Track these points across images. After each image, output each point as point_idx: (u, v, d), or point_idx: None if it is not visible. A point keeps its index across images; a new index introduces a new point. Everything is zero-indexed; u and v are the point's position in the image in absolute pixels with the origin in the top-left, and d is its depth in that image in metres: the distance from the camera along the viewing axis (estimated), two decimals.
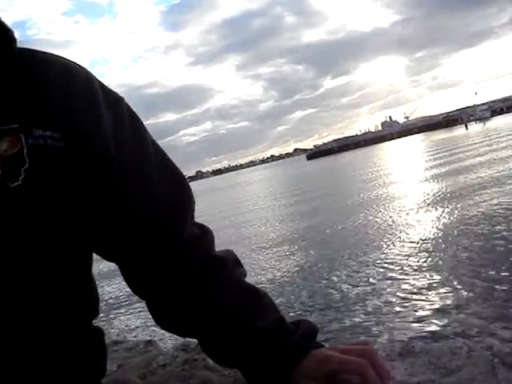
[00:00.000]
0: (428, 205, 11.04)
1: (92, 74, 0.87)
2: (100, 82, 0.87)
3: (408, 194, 13.46)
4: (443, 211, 9.97)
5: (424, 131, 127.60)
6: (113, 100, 0.87)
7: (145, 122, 0.90)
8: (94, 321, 0.90)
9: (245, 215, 17.02)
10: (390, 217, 10.51)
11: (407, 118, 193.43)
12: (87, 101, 0.81)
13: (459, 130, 62.33)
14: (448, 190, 12.18)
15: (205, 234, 0.94)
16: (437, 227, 8.81)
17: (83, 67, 0.86)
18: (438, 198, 11.53)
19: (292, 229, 11.61)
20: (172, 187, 0.91)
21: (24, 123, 0.73)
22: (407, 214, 10.54)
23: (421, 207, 10.92)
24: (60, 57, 0.84)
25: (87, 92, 0.82)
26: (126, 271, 0.91)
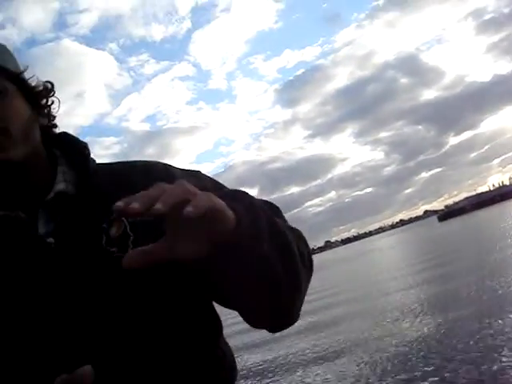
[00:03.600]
0: None
1: (170, 164, 1.07)
2: (178, 167, 1.08)
3: None
4: None
5: None
6: (192, 172, 1.07)
7: (270, 197, 1.03)
8: None
9: (371, 289, 15.39)
10: None
11: None
12: (166, 180, 0.95)
13: None
14: None
15: None
16: None
17: (162, 162, 1.07)
18: None
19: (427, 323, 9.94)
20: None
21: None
22: None
23: None
24: (141, 160, 1.07)
25: (166, 174, 1.01)
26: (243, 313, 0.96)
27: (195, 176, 1.06)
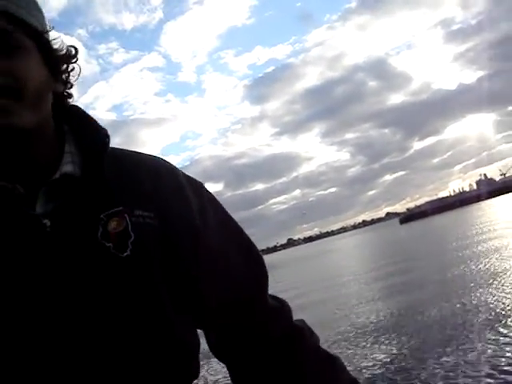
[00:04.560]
0: None
1: (175, 166, 1.06)
2: (182, 171, 1.06)
3: None
4: None
5: None
6: (195, 185, 1.05)
7: (235, 193, 1.12)
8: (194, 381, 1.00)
9: (331, 291, 15.55)
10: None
11: (504, 174, 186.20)
12: (174, 188, 0.99)
13: None
14: None
15: (283, 305, 1.09)
16: None
17: (167, 161, 1.06)
18: None
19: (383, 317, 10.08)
20: (249, 262, 1.07)
21: (126, 205, 0.91)
22: None
23: None
24: (147, 154, 1.05)
25: (173, 181, 1.01)
26: (208, 335, 1.05)
27: (196, 189, 1.04)
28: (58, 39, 0.95)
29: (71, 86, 0.99)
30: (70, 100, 1.00)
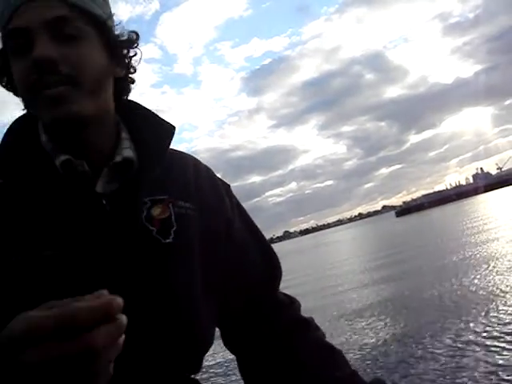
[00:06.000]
0: None
1: (209, 167, 1.13)
2: (213, 171, 1.14)
3: None
4: None
5: None
6: (226, 186, 1.13)
7: (232, 185, 1.16)
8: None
9: (328, 290, 15.59)
10: None
11: (500, 168, 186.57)
12: (211, 186, 1.08)
13: None
14: None
15: (292, 302, 1.15)
16: None
17: (201, 162, 1.13)
18: None
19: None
20: (266, 260, 1.14)
21: (171, 196, 0.96)
22: None
23: None
24: (187, 153, 1.13)
25: (210, 180, 1.09)
26: (222, 327, 1.10)
27: (227, 190, 1.13)
28: (120, 25, 0.96)
29: (134, 71, 1.00)
30: (133, 85, 1.02)
